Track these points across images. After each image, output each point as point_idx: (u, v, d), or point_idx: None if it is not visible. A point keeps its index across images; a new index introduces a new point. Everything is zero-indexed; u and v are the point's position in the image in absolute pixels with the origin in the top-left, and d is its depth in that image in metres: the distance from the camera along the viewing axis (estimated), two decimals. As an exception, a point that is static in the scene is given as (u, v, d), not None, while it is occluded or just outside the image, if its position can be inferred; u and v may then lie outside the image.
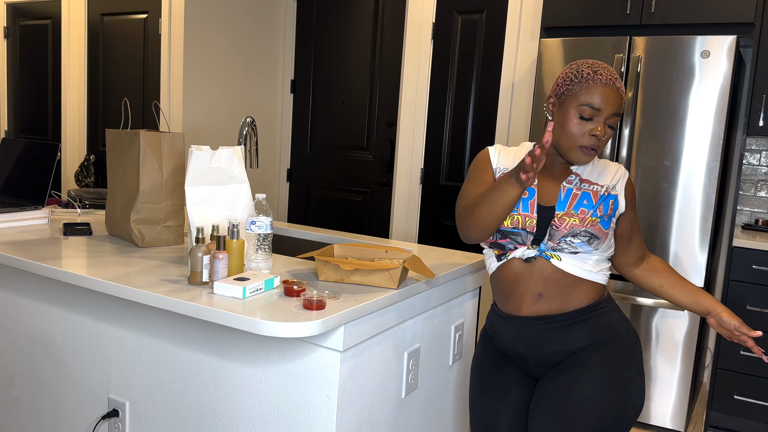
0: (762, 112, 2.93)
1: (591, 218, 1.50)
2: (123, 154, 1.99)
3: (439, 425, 1.90)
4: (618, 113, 1.48)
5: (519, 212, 1.52)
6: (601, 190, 1.55)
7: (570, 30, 3.17)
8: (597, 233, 1.50)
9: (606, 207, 1.53)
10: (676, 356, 2.90)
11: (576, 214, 1.51)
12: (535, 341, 1.53)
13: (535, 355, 1.55)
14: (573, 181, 1.56)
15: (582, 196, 1.54)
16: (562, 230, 1.49)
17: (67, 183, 4.56)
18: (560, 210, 1.52)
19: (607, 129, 1.48)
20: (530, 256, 1.51)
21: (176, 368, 1.67)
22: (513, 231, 1.51)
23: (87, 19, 4.32)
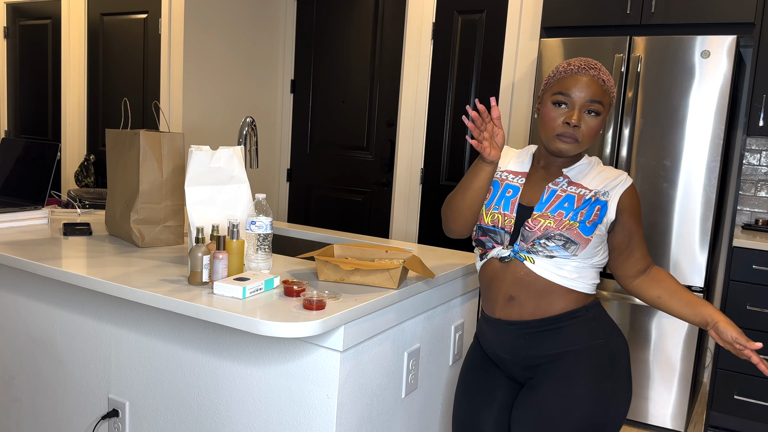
0: (762, 112, 2.93)
1: (568, 222, 1.44)
2: (123, 154, 1.99)
3: (439, 425, 1.90)
4: (595, 99, 1.43)
5: (500, 210, 1.51)
6: (587, 194, 1.48)
7: (570, 30, 3.17)
8: (574, 238, 1.43)
9: (590, 212, 1.46)
10: (676, 356, 2.90)
11: (552, 216, 1.46)
12: (509, 345, 1.52)
13: (510, 358, 1.53)
14: (560, 182, 1.51)
15: (565, 198, 1.48)
16: (536, 232, 1.45)
17: (67, 183, 4.56)
18: (538, 211, 1.48)
19: (585, 116, 1.45)
20: (503, 256, 1.49)
21: (176, 368, 1.67)
22: (492, 229, 1.51)
23: (87, 19, 4.32)
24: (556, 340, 1.47)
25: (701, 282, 2.84)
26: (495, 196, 1.54)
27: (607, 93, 1.46)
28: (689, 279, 2.85)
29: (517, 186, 1.54)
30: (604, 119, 1.47)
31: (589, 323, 1.48)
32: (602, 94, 1.45)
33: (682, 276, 2.86)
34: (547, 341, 1.48)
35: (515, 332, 1.50)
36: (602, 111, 1.45)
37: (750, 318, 2.84)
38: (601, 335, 1.48)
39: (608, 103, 1.47)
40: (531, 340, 1.49)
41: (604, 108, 1.46)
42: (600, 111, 1.45)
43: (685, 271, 2.86)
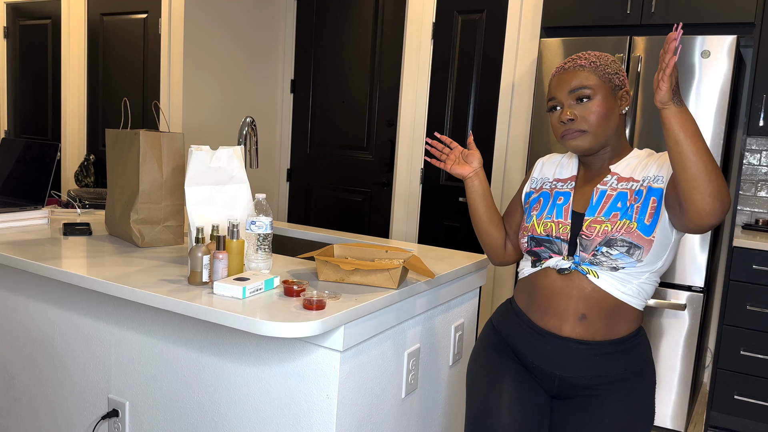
0: (762, 112, 2.93)
1: (626, 222, 1.35)
2: (123, 154, 1.99)
3: (439, 425, 1.90)
4: (575, 87, 1.38)
5: (552, 218, 1.44)
6: (637, 186, 1.39)
7: (570, 30, 3.17)
8: (636, 241, 1.34)
9: (645, 206, 1.36)
10: (676, 356, 2.90)
11: (607, 219, 1.37)
12: (573, 364, 1.41)
13: (567, 377, 1.43)
14: (608, 181, 1.42)
15: (616, 197, 1.39)
16: (594, 239, 1.37)
17: (67, 183, 4.56)
18: (590, 215, 1.39)
19: (577, 106, 1.39)
20: (563, 267, 1.40)
21: (176, 368, 1.67)
22: (546, 238, 1.44)
23: (87, 19, 4.32)
24: (624, 361, 1.42)
25: (701, 282, 2.84)
26: (546, 206, 1.48)
27: (593, 72, 1.39)
28: (689, 279, 2.85)
29: (568, 191, 1.47)
30: (604, 98, 1.38)
31: (646, 342, 1.46)
32: (586, 76, 1.39)
33: (683, 276, 2.86)
34: (615, 362, 1.41)
35: (585, 352, 1.40)
36: (592, 93, 1.38)
37: (750, 318, 2.84)
38: (650, 352, 1.47)
39: (600, 82, 1.39)
40: (600, 361, 1.41)
41: (594, 88, 1.38)
42: (588, 94, 1.38)
43: (686, 271, 2.86)
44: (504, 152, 3.65)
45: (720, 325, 2.89)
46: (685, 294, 2.87)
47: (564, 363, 1.42)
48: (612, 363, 1.41)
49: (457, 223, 3.84)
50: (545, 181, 1.54)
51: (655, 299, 2.91)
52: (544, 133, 3.10)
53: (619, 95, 1.41)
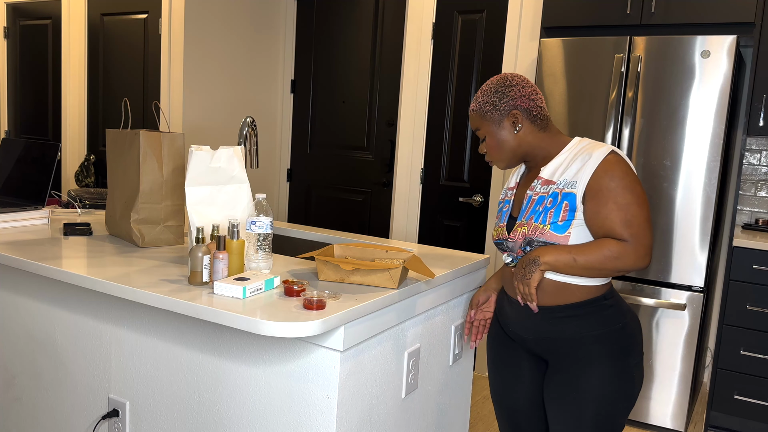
0: (762, 111, 2.93)
1: (540, 225, 1.52)
2: (123, 154, 1.99)
3: (439, 425, 1.90)
4: (474, 131, 1.63)
5: (499, 224, 1.66)
6: (553, 189, 1.53)
7: (570, 30, 3.17)
8: (549, 240, 1.50)
9: (558, 210, 1.50)
10: (676, 356, 2.90)
11: (526, 222, 1.55)
12: (532, 327, 1.60)
13: (532, 338, 1.61)
14: (535, 186, 1.59)
15: (537, 201, 1.55)
16: (517, 240, 1.57)
17: (67, 183, 4.56)
18: (519, 220, 1.59)
19: (482, 144, 1.63)
20: (507, 262, 1.63)
21: (176, 368, 1.67)
22: (496, 242, 1.66)
23: (87, 19, 4.32)
24: (577, 325, 1.54)
25: (701, 282, 2.84)
26: (499, 214, 1.70)
27: (477, 114, 1.60)
28: (689, 279, 2.85)
29: (509, 199, 1.68)
30: (491, 134, 1.59)
31: (607, 310, 1.55)
32: (474, 119, 1.61)
33: (683, 276, 2.86)
34: (569, 326, 1.55)
35: (539, 315, 1.58)
36: (484, 132, 1.60)
37: (750, 318, 2.84)
38: (619, 321, 1.55)
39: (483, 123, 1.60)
40: (553, 324, 1.56)
41: (482, 128, 1.60)
42: (482, 135, 1.61)
43: (686, 271, 2.86)
44: (504, 152, 3.65)
45: (720, 325, 2.89)
46: (685, 294, 2.87)
47: (527, 326, 1.61)
48: (567, 326, 1.54)
49: (457, 223, 3.84)
50: (505, 191, 1.74)
51: (655, 299, 2.91)
52: (544, 133, 3.09)
53: (509, 121, 1.58)
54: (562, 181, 1.52)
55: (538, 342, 1.61)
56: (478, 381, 3.54)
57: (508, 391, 1.74)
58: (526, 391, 1.71)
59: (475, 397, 3.29)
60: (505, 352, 1.73)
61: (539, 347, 1.62)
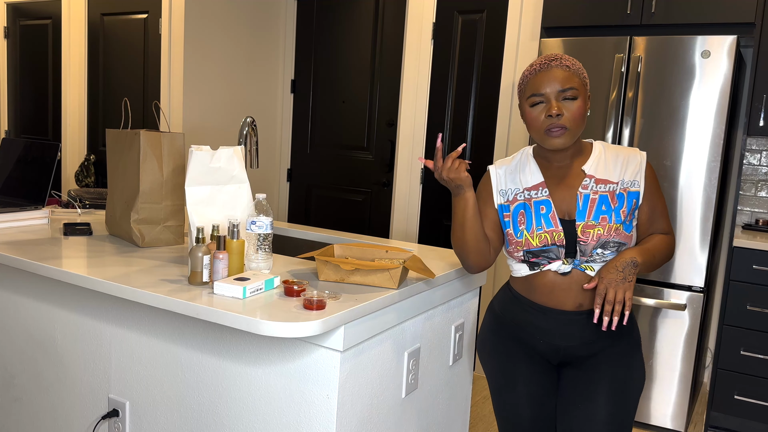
0: (762, 112, 2.93)
1: (615, 225, 1.49)
2: (123, 154, 1.99)
3: (439, 425, 1.90)
4: (565, 86, 1.47)
5: (544, 229, 1.53)
6: (617, 189, 1.52)
7: (570, 30, 3.17)
8: (623, 240, 1.51)
9: (628, 208, 1.52)
10: (676, 356, 2.90)
11: (598, 223, 1.50)
12: (576, 334, 1.56)
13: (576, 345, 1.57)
14: (588, 185, 1.53)
15: (600, 200, 1.51)
16: (590, 243, 1.50)
17: (67, 183, 4.56)
18: (581, 220, 1.51)
19: (565, 103, 1.47)
20: (566, 272, 1.53)
21: (176, 368, 1.67)
22: (544, 249, 1.53)
23: (87, 19, 4.32)
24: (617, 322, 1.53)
25: (701, 282, 2.83)
26: (531, 218, 1.55)
27: (576, 75, 1.49)
28: (689, 279, 2.85)
29: (545, 199, 1.55)
30: (584, 100, 1.49)
31: None
32: (571, 77, 1.48)
33: (683, 276, 2.87)
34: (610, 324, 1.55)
35: (584, 321, 1.55)
36: (578, 93, 1.48)
37: (750, 318, 2.84)
38: (633, 315, 1.62)
39: (581, 84, 1.49)
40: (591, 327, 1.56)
41: (579, 90, 1.48)
42: (575, 95, 1.47)
43: (686, 271, 2.86)
44: (504, 152, 3.65)
45: (720, 325, 2.89)
46: (685, 294, 2.87)
47: (568, 334, 1.56)
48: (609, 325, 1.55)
49: (457, 223, 3.84)
50: (516, 192, 1.59)
51: (655, 299, 2.91)
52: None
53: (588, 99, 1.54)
54: (622, 180, 1.53)
55: (581, 347, 1.57)
56: (478, 381, 3.54)
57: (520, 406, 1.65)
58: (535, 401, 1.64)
59: (475, 397, 3.29)
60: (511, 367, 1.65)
61: (582, 351, 1.57)
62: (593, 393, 1.56)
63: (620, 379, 1.56)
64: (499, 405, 1.69)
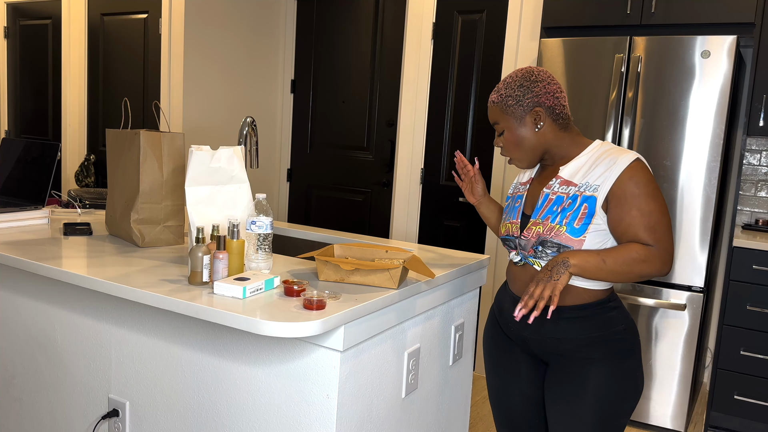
0: (762, 112, 2.93)
1: (556, 226, 1.48)
2: (123, 154, 1.99)
3: (439, 425, 1.90)
4: (492, 123, 1.59)
5: (509, 219, 1.63)
6: (574, 192, 1.50)
7: (570, 30, 3.17)
8: (564, 243, 1.47)
9: (577, 213, 1.47)
10: (676, 356, 2.90)
11: (542, 221, 1.51)
12: (536, 327, 1.58)
13: (535, 339, 1.60)
14: (552, 184, 1.55)
15: (555, 201, 1.52)
16: (530, 239, 1.53)
17: (67, 183, 4.56)
18: (533, 217, 1.55)
19: (499, 138, 1.60)
20: (516, 261, 1.61)
21: (176, 368, 1.67)
22: (504, 238, 1.64)
23: (87, 19, 4.32)
24: (581, 327, 1.53)
25: (701, 282, 2.84)
26: (509, 209, 1.67)
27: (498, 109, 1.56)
28: (689, 279, 2.85)
29: (522, 194, 1.64)
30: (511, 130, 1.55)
31: (611, 312, 1.55)
32: (494, 113, 1.57)
33: (683, 276, 2.86)
34: (573, 327, 1.53)
35: (542, 317, 1.57)
36: (502, 127, 1.57)
37: (750, 318, 2.84)
38: (621, 323, 1.55)
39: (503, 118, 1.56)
40: (558, 324, 1.55)
41: (501, 122, 1.57)
42: (500, 129, 1.58)
43: (686, 271, 2.86)
44: (504, 152, 3.66)
45: (720, 325, 2.89)
46: (685, 294, 2.87)
47: (530, 326, 1.59)
48: (572, 327, 1.53)
49: (457, 223, 3.84)
50: (516, 186, 1.72)
51: (654, 299, 2.91)
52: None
53: (531, 118, 1.54)
54: (584, 184, 1.49)
55: (541, 343, 1.59)
56: (478, 381, 3.54)
57: (507, 393, 1.72)
58: (525, 393, 1.69)
59: (475, 397, 3.29)
60: (503, 356, 1.71)
61: (541, 348, 1.60)
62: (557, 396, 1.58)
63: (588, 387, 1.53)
64: (490, 393, 1.78)
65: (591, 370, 1.52)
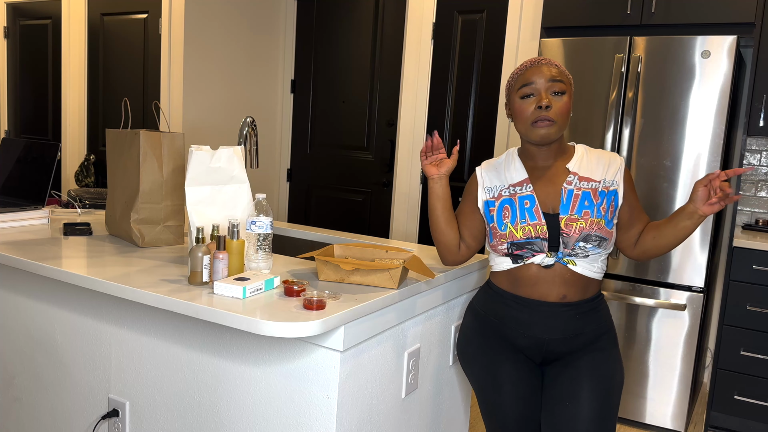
0: (762, 112, 2.93)
1: (596, 219, 1.56)
2: (123, 154, 1.99)
3: (439, 425, 1.90)
4: (555, 78, 1.55)
5: (528, 222, 1.58)
6: (599, 187, 1.59)
7: (570, 30, 3.17)
8: (604, 235, 1.57)
9: (608, 205, 1.58)
10: (676, 356, 2.90)
11: (580, 217, 1.56)
12: (559, 326, 1.60)
13: (558, 339, 1.60)
14: (572, 181, 1.60)
15: (583, 196, 1.58)
16: (573, 235, 1.55)
17: (67, 183, 4.56)
18: (564, 214, 1.57)
19: (553, 97, 1.55)
20: (549, 264, 1.58)
21: (176, 368, 1.67)
22: (527, 241, 1.58)
23: (87, 19, 4.32)
24: (596, 317, 1.63)
25: (701, 282, 2.84)
26: (516, 212, 1.61)
27: (563, 74, 1.57)
28: (689, 279, 2.85)
29: (530, 194, 1.61)
30: (570, 99, 1.57)
31: (605, 303, 1.69)
32: (559, 74, 1.56)
33: (683, 276, 2.86)
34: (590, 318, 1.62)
35: (567, 313, 1.60)
36: (566, 89, 1.56)
37: (750, 318, 2.84)
38: (609, 311, 1.70)
39: (568, 83, 1.57)
40: (579, 319, 1.61)
41: (566, 87, 1.56)
42: (564, 89, 1.56)
43: (686, 271, 2.86)
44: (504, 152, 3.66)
45: (720, 325, 2.89)
46: (685, 294, 2.87)
47: (551, 326, 1.60)
48: (586, 321, 1.61)
49: (457, 223, 3.85)
50: (501, 188, 1.65)
51: (654, 299, 2.91)
52: (544, 133, 3.09)
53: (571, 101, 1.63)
54: (604, 180, 1.60)
55: (563, 341, 1.61)
56: (478, 381, 3.54)
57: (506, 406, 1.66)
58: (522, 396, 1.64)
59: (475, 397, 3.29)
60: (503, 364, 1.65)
61: (562, 346, 1.61)
62: (577, 390, 1.59)
63: (602, 375, 1.59)
64: (485, 405, 1.70)
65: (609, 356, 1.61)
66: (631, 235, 1.65)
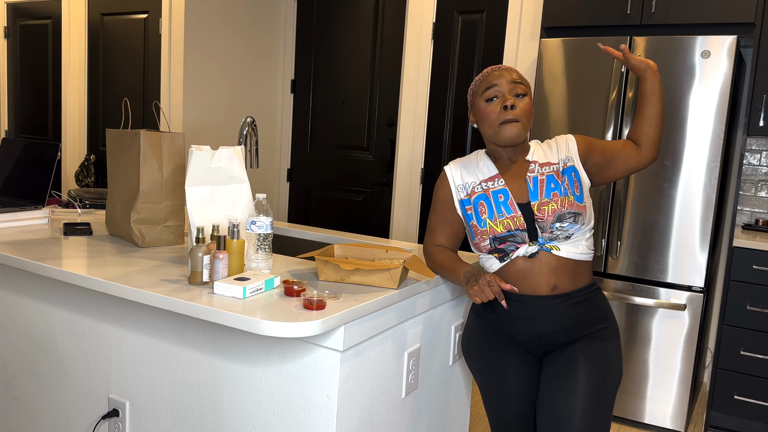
0: (762, 112, 2.93)
1: (565, 198, 1.61)
2: (123, 154, 1.99)
3: (439, 425, 1.90)
4: (516, 80, 1.62)
5: (505, 216, 1.63)
6: (559, 167, 1.65)
7: (570, 30, 3.17)
8: (577, 210, 1.60)
9: (572, 182, 1.63)
10: (676, 356, 2.90)
11: (550, 199, 1.61)
12: (555, 318, 1.61)
13: (557, 331, 1.62)
14: (534, 169, 1.65)
15: (548, 180, 1.64)
16: (548, 219, 1.59)
17: (68, 183, 4.56)
18: (534, 200, 1.62)
19: (516, 98, 1.62)
20: (533, 252, 1.61)
21: (176, 368, 1.67)
22: (509, 234, 1.62)
23: (87, 19, 4.32)
24: (593, 307, 1.65)
25: (701, 282, 2.84)
26: (492, 207, 1.65)
27: (523, 78, 1.66)
28: (689, 279, 2.85)
29: (503, 188, 1.66)
30: (531, 101, 1.65)
31: (600, 293, 1.71)
32: (520, 77, 1.65)
33: (683, 276, 2.87)
34: (587, 308, 1.64)
35: (562, 304, 1.61)
36: (527, 91, 1.64)
37: (750, 318, 2.84)
38: (607, 302, 1.71)
39: (528, 86, 1.65)
40: (575, 309, 1.62)
41: (527, 89, 1.64)
42: (525, 92, 1.63)
43: (686, 271, 2.86)
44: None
45: (720, 325, 2.90)
46: (685, 294, 2.87)
47: (548, 318, 1.62)
48: (581, 311, 1.63)
49: (457, 223, 3.85)
50: (473, 185, 1.70)
51: (654, 299, 2.91)
52: (543, 132, 3.10)
53: None
54: (560, 159, 1.66)
55: (562, 332, 1.62)
56: (478, 381, 3.54)
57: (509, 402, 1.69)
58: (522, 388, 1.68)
59: (475, 397, 3.29)
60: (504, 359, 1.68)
61: (561, 338, 1.63)
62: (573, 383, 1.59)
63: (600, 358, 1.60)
64: (489, 400, 1.73)
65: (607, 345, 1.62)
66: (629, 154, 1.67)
